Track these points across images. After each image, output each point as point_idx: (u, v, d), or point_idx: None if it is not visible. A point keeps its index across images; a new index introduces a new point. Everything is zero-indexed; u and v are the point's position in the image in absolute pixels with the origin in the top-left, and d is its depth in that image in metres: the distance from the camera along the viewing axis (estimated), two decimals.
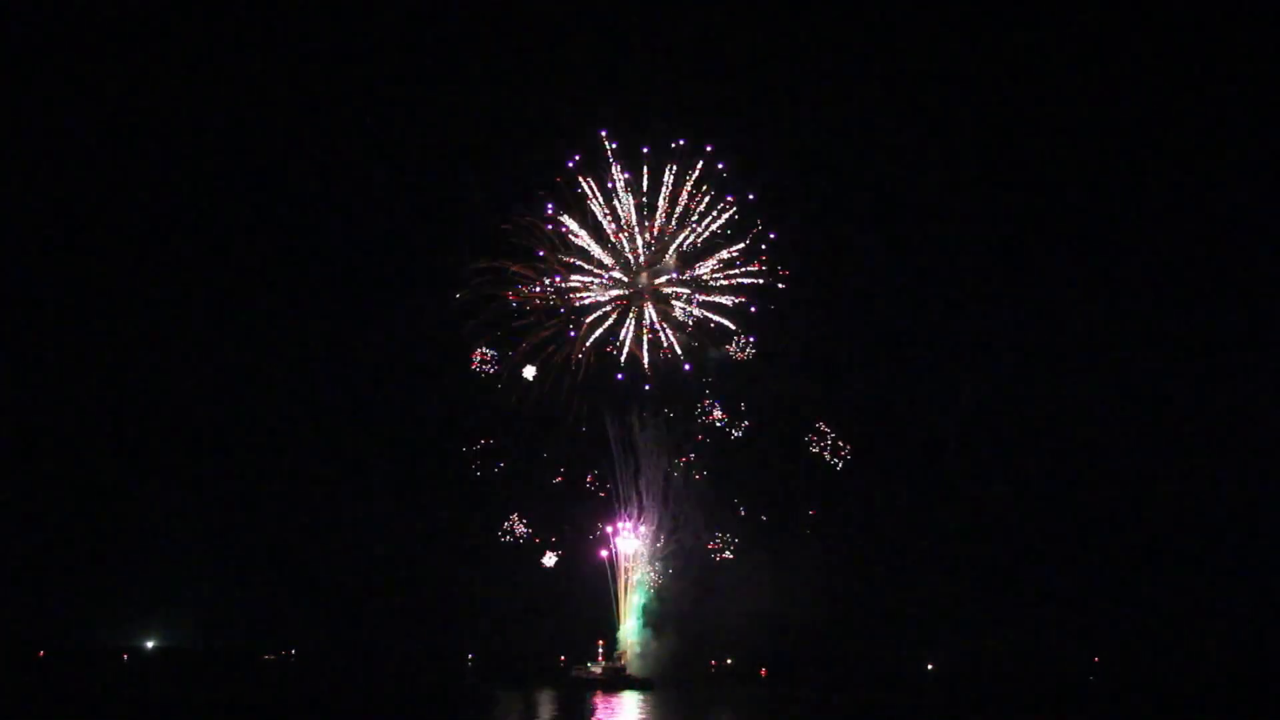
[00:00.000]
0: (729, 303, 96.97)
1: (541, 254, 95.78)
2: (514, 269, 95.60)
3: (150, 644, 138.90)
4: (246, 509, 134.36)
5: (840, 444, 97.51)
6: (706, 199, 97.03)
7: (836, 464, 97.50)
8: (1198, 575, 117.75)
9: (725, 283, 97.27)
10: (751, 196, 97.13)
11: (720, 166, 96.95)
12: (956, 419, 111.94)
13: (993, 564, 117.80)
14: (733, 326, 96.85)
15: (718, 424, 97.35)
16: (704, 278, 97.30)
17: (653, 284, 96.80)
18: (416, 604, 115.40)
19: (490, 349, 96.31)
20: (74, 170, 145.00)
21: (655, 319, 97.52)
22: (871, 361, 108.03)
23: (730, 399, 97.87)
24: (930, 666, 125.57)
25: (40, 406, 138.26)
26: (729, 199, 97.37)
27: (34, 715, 50.24)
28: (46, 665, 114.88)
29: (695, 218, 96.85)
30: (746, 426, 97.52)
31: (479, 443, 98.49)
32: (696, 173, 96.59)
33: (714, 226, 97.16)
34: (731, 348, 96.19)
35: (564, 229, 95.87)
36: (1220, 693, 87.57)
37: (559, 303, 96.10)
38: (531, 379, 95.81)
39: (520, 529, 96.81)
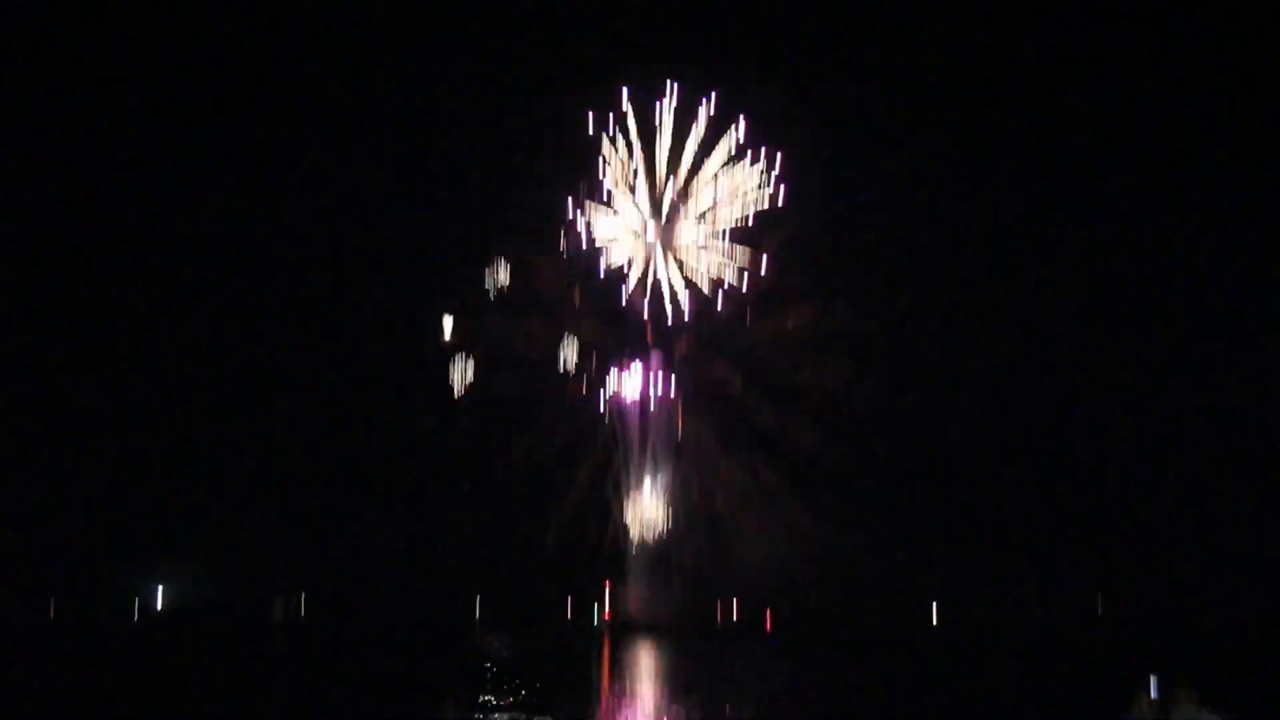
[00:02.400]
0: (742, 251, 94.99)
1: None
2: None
3: (159, 604, 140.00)
4: (250, 472, 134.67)
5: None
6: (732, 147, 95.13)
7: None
8: (1202, 530, 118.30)
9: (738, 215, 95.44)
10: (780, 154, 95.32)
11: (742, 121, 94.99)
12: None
13: (998, 517, 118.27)
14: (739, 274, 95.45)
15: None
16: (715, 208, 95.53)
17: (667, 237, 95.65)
18: (427, 555, 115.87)
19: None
20: (74, 164, 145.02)
21: (670, 271, 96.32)
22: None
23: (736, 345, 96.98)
24: (934, 621, 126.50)
25: (45, 373, 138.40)
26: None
27: (47, 673, 50.25)
28: (57, 625, 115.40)
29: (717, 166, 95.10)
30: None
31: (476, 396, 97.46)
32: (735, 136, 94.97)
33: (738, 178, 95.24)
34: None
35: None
36: (1220, 644, 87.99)
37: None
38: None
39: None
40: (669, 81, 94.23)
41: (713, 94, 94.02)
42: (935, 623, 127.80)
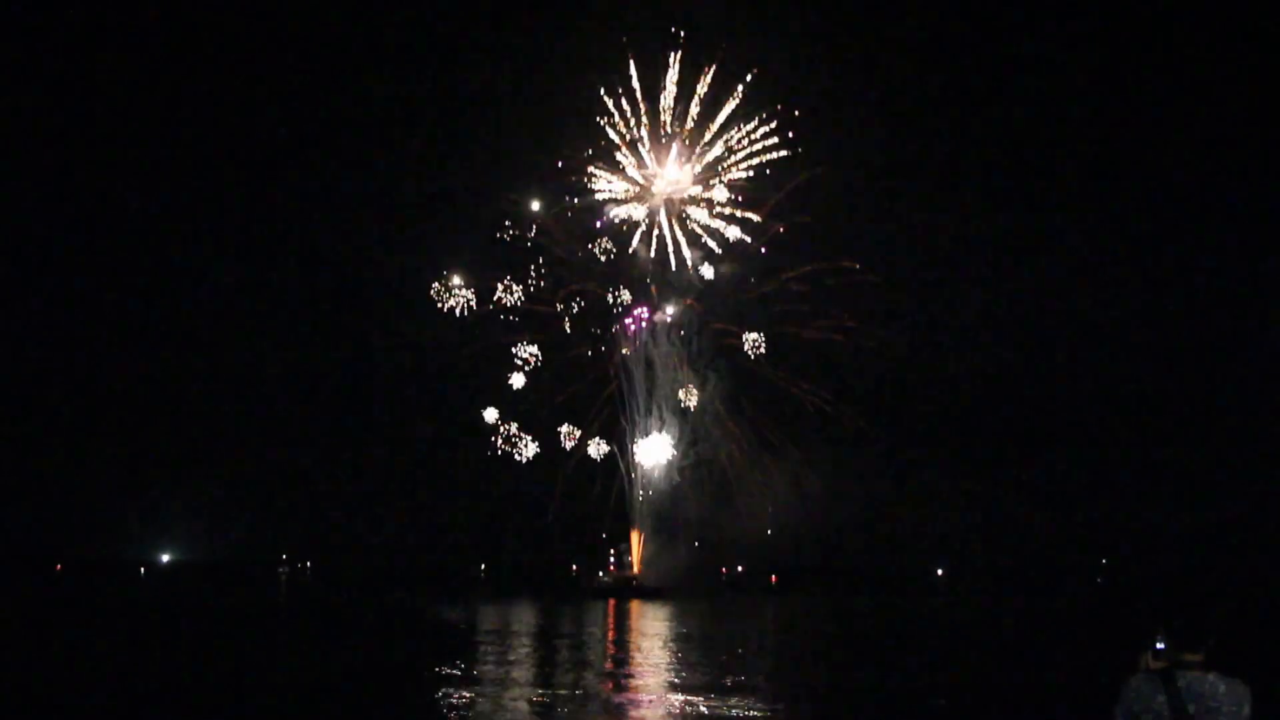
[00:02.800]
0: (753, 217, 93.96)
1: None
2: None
3: (165, 557, 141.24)
4: (259, 424, 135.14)
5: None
6: (739, 104, 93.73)
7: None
8: (1206, 480, 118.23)
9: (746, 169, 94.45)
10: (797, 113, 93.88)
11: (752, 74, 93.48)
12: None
13: (1002, 467, 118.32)
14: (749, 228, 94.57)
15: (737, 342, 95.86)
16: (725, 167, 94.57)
17: (673, 195, 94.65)
18: (432, 516, 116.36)
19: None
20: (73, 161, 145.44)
21: (675, 230, 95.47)
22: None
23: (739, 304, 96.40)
24: (940, 572, 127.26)
25: (55, 330, 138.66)
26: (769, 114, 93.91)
27: (54, 624, 50.51)
28: (65, 577, 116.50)
29: (727, 124, 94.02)
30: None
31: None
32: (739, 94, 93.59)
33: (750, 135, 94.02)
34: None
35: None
36: (1223, 592, 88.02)
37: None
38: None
39: (512, 433, 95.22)
40: (676, 33, 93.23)
41: (719, 50, 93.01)
42: (939, 576, 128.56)
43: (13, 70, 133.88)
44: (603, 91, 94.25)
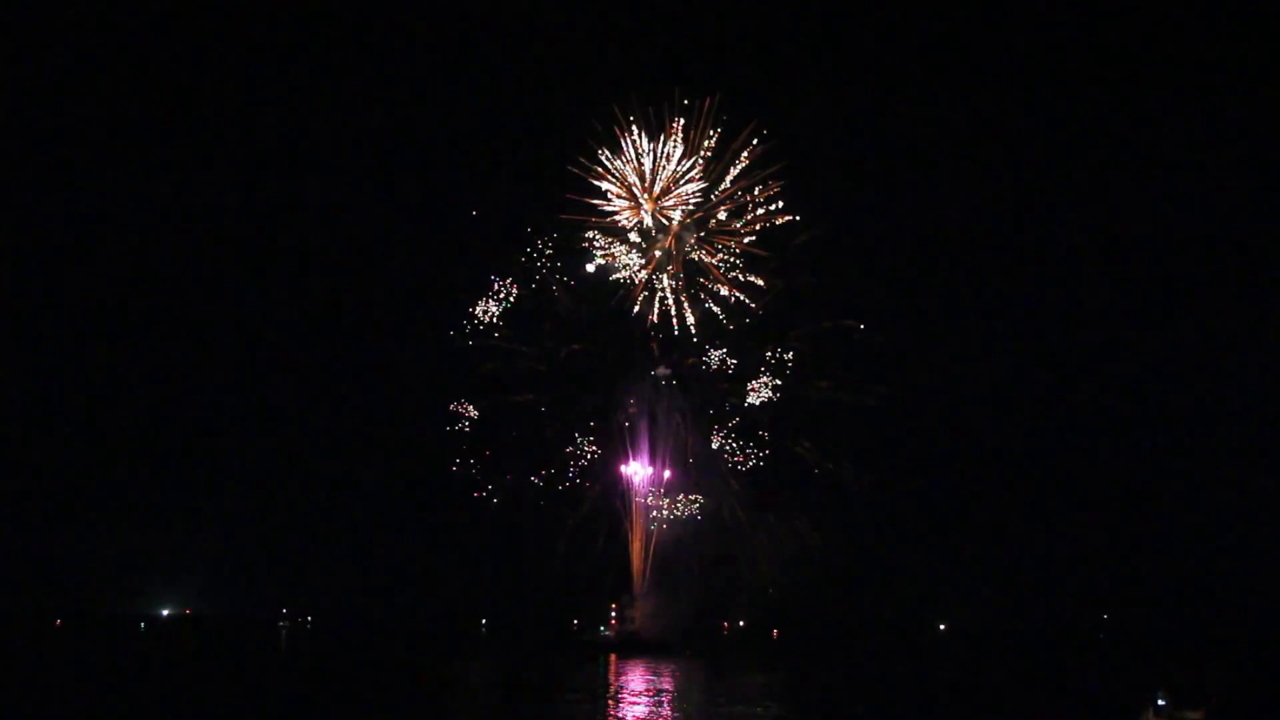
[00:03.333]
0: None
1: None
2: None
3: (165, 611, 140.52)
4: (260, 476, 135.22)
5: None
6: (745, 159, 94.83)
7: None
8: (1211, 533, 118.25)
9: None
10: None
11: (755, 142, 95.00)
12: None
13: (1002, 523, 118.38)
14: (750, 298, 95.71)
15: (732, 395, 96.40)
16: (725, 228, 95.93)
17: (675, 247, 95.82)
18: (435, 570, 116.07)
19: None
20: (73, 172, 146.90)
21: (678, 290, 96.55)
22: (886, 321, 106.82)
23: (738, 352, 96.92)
24: (942, 627, 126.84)
25: (52, 380, 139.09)
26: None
27: (55, 680, 50.65)
28: (64, 633, 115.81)
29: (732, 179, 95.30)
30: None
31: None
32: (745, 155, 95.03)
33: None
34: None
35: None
36: (1227, 648, 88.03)
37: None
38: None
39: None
40: (680, 95, 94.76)
41: (712, 100, 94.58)
42: (941, 631, 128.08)
43: (12, 72, 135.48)
44: (604, 154, 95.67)
